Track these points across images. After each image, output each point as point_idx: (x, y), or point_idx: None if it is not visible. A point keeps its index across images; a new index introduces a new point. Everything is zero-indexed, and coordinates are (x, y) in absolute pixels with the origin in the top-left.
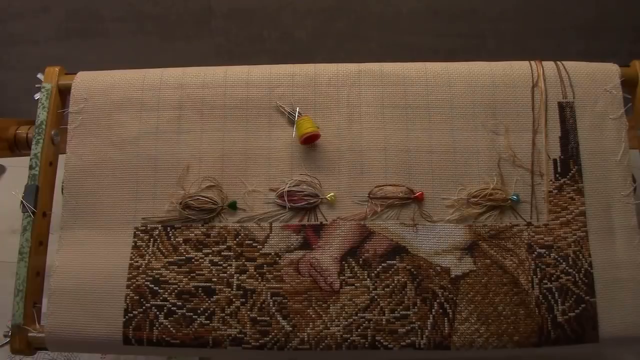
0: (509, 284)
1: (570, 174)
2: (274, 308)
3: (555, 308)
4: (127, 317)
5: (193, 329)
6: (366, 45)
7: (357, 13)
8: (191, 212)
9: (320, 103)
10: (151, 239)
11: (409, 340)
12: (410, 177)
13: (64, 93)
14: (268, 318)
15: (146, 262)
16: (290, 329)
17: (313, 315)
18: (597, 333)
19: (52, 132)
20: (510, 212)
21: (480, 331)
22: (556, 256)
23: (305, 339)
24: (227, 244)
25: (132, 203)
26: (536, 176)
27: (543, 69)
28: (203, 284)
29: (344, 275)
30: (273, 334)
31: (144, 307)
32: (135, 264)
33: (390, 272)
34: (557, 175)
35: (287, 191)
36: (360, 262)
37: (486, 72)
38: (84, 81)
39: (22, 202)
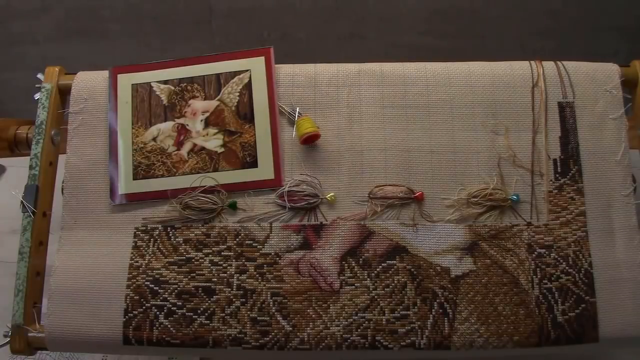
0: (509, 284)
1: (570, 174)
2: (274, 308)
3: (555, 308)
4: (127, 317)
5: (193, 329)
6: (366, 45)
7: (357, 13)
8: (191, 212)
9: (321, 103)
10: (151, 239)
11: (409, 340)
12: (410, 177)
13: (64, 93)
14: (268, 318)
15: (146, 262)
16: (290, 329)
17: (313, 315)
18: (597, 333)
19: (52, 132)
20: (510, 212)
21: (480, 331)
22: (556, 256)
23: (305, 339)
24: (227, 244)
25: (133, 203)
26: (536, 176)
27: (543, 69)
28: (203, 284)
29: (344, 275)
30: (273, 334)
31: (144, 307)
32: (135, 264)
33: (390, 272)
34: (557, 175)
35: (287, 191)
36: (360, 262)
37: (486, 72)
38: (84, 81)
39: (22, 202)
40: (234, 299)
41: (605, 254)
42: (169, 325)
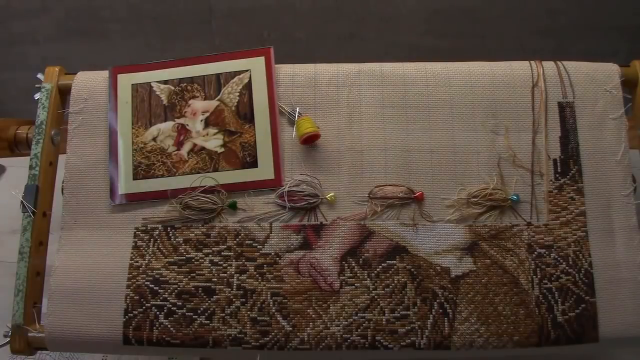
0: (509, 284)
1: (570, 174)
2: (274, 308)
3: (555, 308)
4: (127, 317)
5: (193, 329)
6: (366, 45)
7: (357, 13)
8: (191, 212)
9: (321, 103)
10: (151, 239)
11: (409, 340)
12: (410, 177)
13: (64, 93)
14: (268, 318)
15: (146, 262)
16: (290, 329)
17: (313, 315)
18: (597, 333)
19: (52, 132)
20: (510, 212)
21: (480, 331)
22: (556, 256)
23: (305, 339)
24: (227, 244)
25: (133, 203)
26: (536, 176)
27: (543, 69)
28: (203, 284)
29: (344, 275)
30: (273, 334)
31: (144, 307)
32: (135, 264)
33: (390, 272)
34: (557, 175)
35: (287, 191)
36: (360, 262)
37: (486, 72)
38: (84, 81)
39: (22, 202)
40: (234, 299)
41: (605, 254)
42: (169, 325)
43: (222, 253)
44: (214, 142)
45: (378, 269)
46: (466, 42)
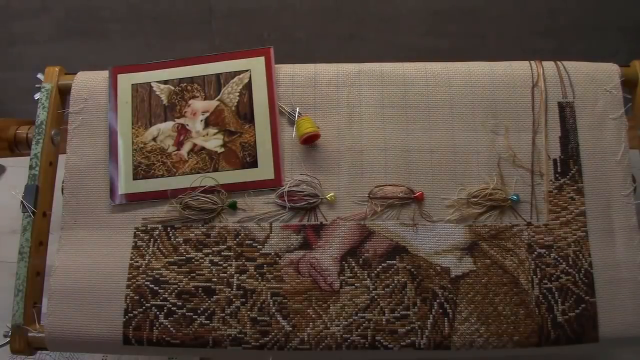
0: (509, 284)
1: (570, 174)
2: (274, 308)
3: (555, 308)
4: (127, 317)
5: (193, 329)
6: (366, 45)
7: (357, 13)
8: (191, 212)
9: (321, 103)
10: (151, 239)
11: (409, 340)
12: (410, 177)
13: (64, 93)
14: (268, 318)
15: (146, 262)
16: (290, 329)
17: (313, 315)
18: (597, 333)
19: (52, 132)
20: (510, 212)
21: (480, 331)
22: (556, 256)
23: (305, 339)
24: (227, 244)
25: (133, 203)
26: (536, 176)
27: (543, 69)
28: (203, 284)
29: (344, 275)
30: (273, 334)
31: (144, 307)
32: (135, 264)
33: (390, 272)
34: (557, 175)
35: (287, 191)
36: (360, 262)
37: (486, 72)
38: (84, 81)
39: (22, 202)
40: (234, 299)
41: (605, 254)
42: (169, 325)
43: (222, 253)
44: (214, 142)
45: (378, 269)
46: (466, 42)
